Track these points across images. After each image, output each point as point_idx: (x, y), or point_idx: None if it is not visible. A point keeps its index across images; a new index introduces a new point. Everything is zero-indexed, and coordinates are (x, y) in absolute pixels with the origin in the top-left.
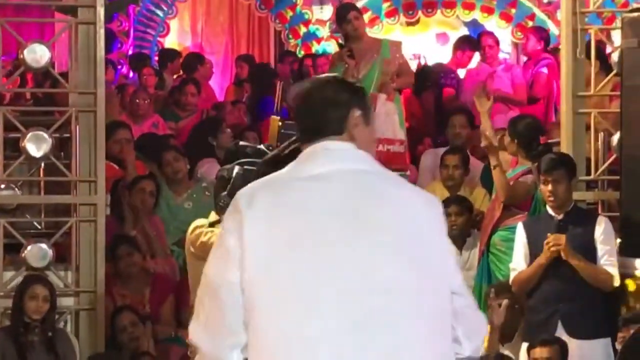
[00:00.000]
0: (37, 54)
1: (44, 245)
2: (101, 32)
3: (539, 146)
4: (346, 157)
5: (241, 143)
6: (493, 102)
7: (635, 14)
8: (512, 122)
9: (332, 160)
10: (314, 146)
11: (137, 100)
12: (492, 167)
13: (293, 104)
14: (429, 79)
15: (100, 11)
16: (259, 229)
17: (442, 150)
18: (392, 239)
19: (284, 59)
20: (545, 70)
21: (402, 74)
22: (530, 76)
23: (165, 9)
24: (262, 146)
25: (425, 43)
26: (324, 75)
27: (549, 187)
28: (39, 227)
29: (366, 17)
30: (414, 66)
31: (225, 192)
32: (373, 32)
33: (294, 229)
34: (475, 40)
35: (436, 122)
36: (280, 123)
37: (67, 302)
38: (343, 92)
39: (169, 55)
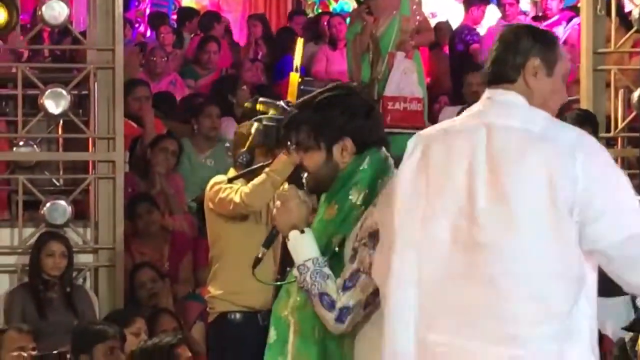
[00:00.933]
0: (55, 11)
1: (62, 202)
2: None
3: None
4: (502, 111)
5: (260, 99)
6: None
7: None
8: None
9: (485, 113)
10: (485, 94)
11: (155, 59)
12: None
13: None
14: (447, 36)
15: None
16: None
17: (459, 108)
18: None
19: (294, 19)
20: (577, 27)
21: (422, 31)
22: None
23: None
24: (281, 102)
25: (445, 1)
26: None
27: None
28: (58, 184)
29: None
30: (432, 24)
31: (245, 149)
32: None
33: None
34: None
35: (454, 80)
36: (300, 79)
37: (86, 259)
38: (525, 38)
39: (187, 13)
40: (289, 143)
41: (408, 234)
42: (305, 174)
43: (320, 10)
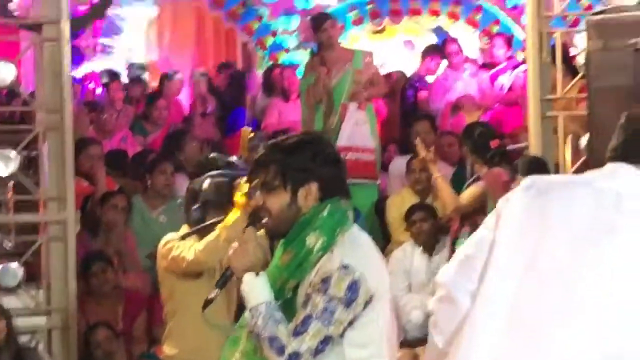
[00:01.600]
0: (3, 72)
1: (14, 265)
2: (67, 49)
3: (491, 150)
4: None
5: (212, 155)
6: (460, 108)
7: (600, 16)
8: (464, 130)
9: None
10: (615, 166)
11: (105, 116)
12: (433, 179)
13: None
14: (397, 86)
15: (65, 27)
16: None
17: (408, 157)
18: None
19: (222, 70)
20: (522, 74)
21: (374, 84)
22: (496, 80)
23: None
24: (233, 158)
25: (392, 50)
26: None
27: None
28: (8, 247)
29: None
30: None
31: (197, 205)
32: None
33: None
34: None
35: (403, 129)
36: (251, 135)
37: (39, 321)
38: None
39: (137, 69)
40: (254, 182)
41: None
42: (266, 217)
43: (270, 63)
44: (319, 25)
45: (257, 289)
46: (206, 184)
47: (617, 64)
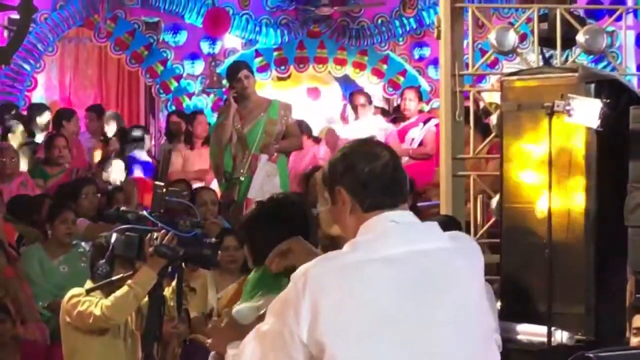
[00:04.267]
0: None
1: None
2: None
3: None
4: (421, 234)
5: (122, 209)
6: None
7: (515, 77)
8: None
9: (407, 240)
10: (386, 218)
11: (4, 159)
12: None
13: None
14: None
15: None
16: (332, 315)
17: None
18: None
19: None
20: (434, 128)
21: (289, 136)
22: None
23: (32, 62)
24: (144, 212)
25: (297, 97)
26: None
27: None
28: None
29: None
30: None
31: (104, 260)
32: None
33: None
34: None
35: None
36: (163, 190)
37: None
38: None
39: (37, 110)
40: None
41: None
42: None
43: (173, 108)
44: (234, 75)
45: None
46: (114, 238)
47: (531, 126)
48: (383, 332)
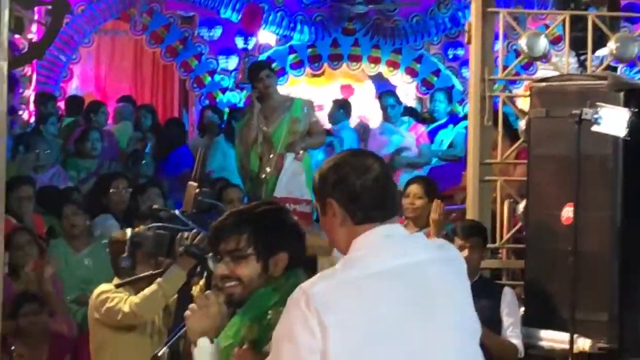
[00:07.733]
0: None
1: None
2: (3, 88)
3: None
4: (412, 246)
5: (154, 207)
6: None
7: (544, 84)
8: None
9: (399, 254)
10: (379, 232)
11: (38, 151)
12: None
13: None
14: None
15: (4, 66)
16: (337, 332)
17: None
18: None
19: None
20: (464, 130)
21: (313, 134)
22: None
23: (68, 53)
24: (176, 211)
25: (330, 95)
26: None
27: (465, 252)
28: None
29: None
30: None
31: (126, 254)
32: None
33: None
34: None
35: None
36: (197, 190)
37: None
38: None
39: (73, 102)
40: (218, 250)
41: None
42: (232, 283)
43: (207, 103)
44: (255, 74)
45: (208, 356)
46: (147, 233)
47: (559, 132)
48: (389, 346)
